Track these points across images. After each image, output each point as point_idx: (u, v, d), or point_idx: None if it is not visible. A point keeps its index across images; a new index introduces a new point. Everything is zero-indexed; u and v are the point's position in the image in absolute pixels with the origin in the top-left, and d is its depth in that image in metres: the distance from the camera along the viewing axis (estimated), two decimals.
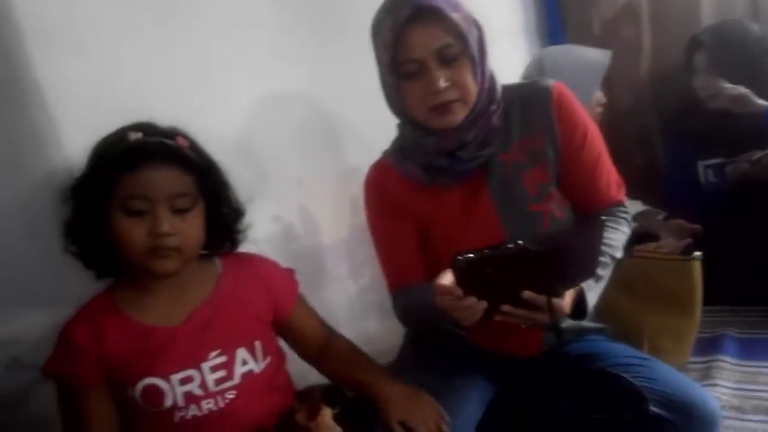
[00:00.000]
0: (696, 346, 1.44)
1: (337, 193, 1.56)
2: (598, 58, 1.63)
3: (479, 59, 1.03)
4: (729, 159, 1.72)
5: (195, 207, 0.94)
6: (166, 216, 0.89)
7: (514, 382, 1.15)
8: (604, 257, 1.03)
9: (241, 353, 0.99)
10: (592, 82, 1.61)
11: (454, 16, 0.99)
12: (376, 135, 1.23)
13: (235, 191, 1.03)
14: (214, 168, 0.98)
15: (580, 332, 1.14)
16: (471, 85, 1.02)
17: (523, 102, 1.10)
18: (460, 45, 0.99)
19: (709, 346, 1.58)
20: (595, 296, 1.01)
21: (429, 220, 1.13)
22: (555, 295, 0.90)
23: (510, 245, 0.82)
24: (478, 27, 1.04)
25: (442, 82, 0.99)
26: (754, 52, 1.75)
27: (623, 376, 1.00)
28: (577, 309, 0.99)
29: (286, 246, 1.44)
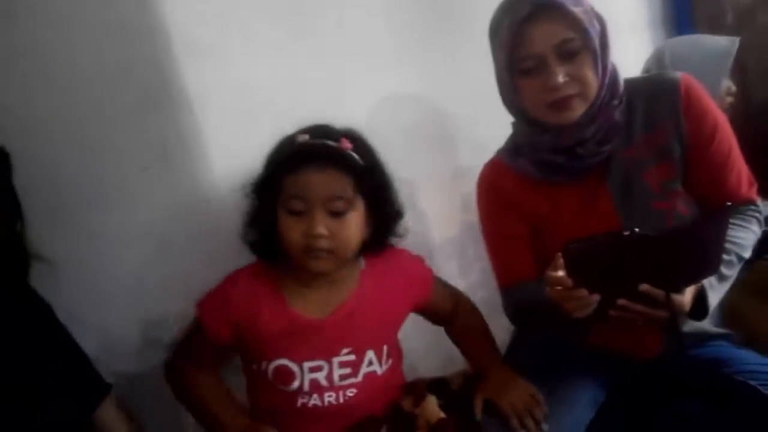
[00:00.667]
0: None
1: (448, 192, 1.57)
2: (724, 44, 1.53)
3: (601, 53, 1.00)
4: None
5: (352, 210, 0.95)
6: (322, 218, 0.92)
7: (628, 385, 1.11)
8: (729, 255, 0.98)
9: (369, 355, 1.03)
10: (718, 71, 1.51)
11: (575, 10, 0.97)
12: (488, 134, 1.24)
13: (397, 192, 1.04)
14: (377, 170, 1.00)
15: (704, 336, 1.08)
16: (591, 79, 0.99)
17: (647, 96, 1.06)
18: (580, 39, 0.97)
19: None
20: (717, 296, 0.96)
21: (543, 219, 1.11)
22: (674, 290, 0.86)
23: (626, 232, 0.79)
24: (600, 20, 1.01)
25: (561, 77, 0.97)
26: None
27: (752, 384, 0.95)
28: (697, 308, 0.94)
29: (396, 244, 1.47)
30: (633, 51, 1.88)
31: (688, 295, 0.90)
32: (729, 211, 0.95)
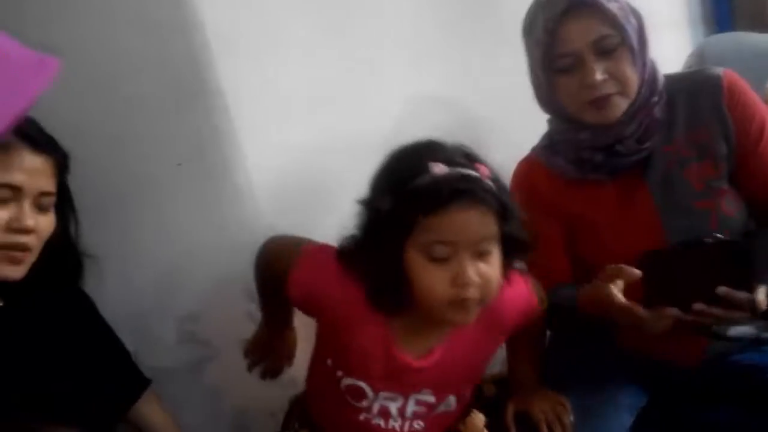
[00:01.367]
0: None
1: None
2: (767, 43, 1.49)
3: (639, 49, 0.98)
4: None
5: (495, 248, 0.81)
6: (471, 263, 0.78)
7: (668, 390, 1.09)
8: None
9: (450, 399, 0.95)
10: (761, 71, 1.47)
11: (612, 6, 0.95)
12: (521, 136, 1.22)
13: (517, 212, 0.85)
14: (505, 191, 0.83)
15: (752, 341, 1.05)
16: (631, 76, 0.97)
17: (689, 92, 1.03)
18: (618, 36, 0.95)
19: None
20: None
21: (580, 219, 1.09)
22: (749, 291, 0.84)
23: (707, 239, 0.78)
24: (637, 16, 0.99)
25: (599, 75, 0.95)
26: None
27: None
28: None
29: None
30: (673, 49, 1.85)
31: (761, 294, 0.87)
32: None
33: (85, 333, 0.96)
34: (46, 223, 0.83)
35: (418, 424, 0.95)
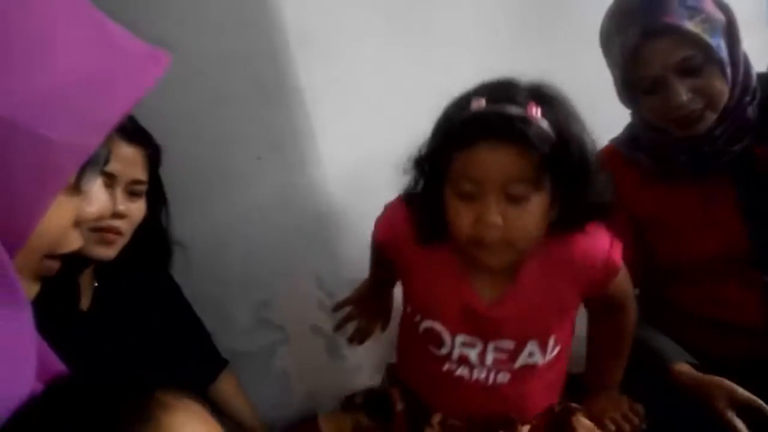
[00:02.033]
0: None
1: None
2: None
3: (729, 53, 0.91)
4: None
5: (535, 194, 0.75)
6: (496, 205, 0.74)
7: None
8: None
9: (531, 346, 0.89)
10: None
11: (691, 25, 0.88)
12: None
13: (597, 167, 0.79)
14: (572, 139, 0.75)
15: None
16: (720, 89, 0.91)
17: None
18: (701, 54, 0.89)
19: None
20: None
21: (655, 217, 1.05)
22: None
23: None
24: (725, 10, 0.93)
25: (685, 95, 0.90)
26: None
27: None
28: None
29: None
30: (755, 50, 1.75)
31: None
32: None
33: (170, 314, 1.02)
34: (137, 209, 0.89)
35: (503, 376, 0.90)
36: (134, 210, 0.88)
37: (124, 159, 0.85)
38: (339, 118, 1.21)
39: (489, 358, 0.89)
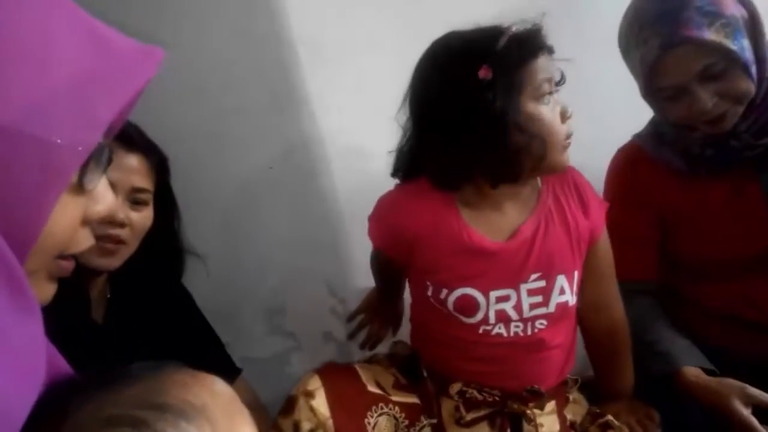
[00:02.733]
0: None
1: None
2: None
3: (753, 50, 0.90)
4: None
5: None
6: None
7: None
8: None
9: (560, 281, 0.90)
10: None
11: (710, 34, 0.86)
12: (595, 133, 1.18)
13: None
14: None
15: None
16: (745, 89, 0.90)
17: None
18: (723, 60, 0.87)
19: None
20: None
21: (681, 214, 1.03)
22: None
23: None
24: (746, 5, 0.91)
25: (710, 101, 0.89)
26: None
27: None
28: None
29: None
30: None
31: None
32: None
33: (183, 324, 1.01)
34: (140, 217, 0.87)
35: (540, 323, 0.90)
36: (137, 219, 0.87)
37: (124, 167, 0.85)
38: (347, 128, 1.22)
39: (525, 305, 0.89)
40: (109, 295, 0.94)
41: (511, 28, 0.82)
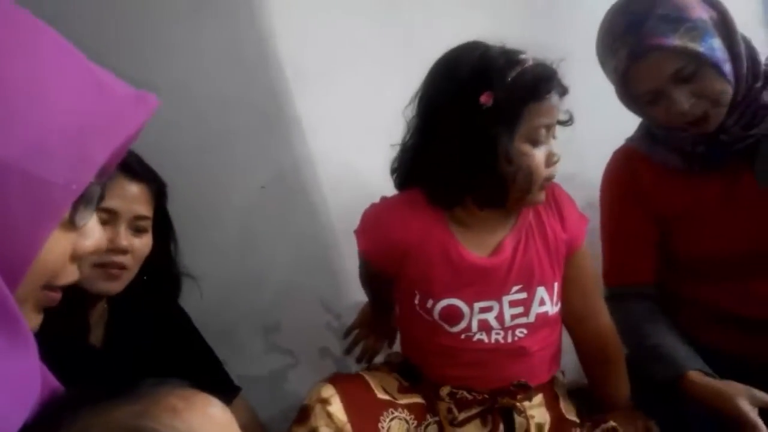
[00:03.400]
0: None
1: None
2: None
3: (727, 48, 0.92)
4: None
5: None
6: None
7: None
8: None
9: (540, 292, 0.94)
10: None
11: (676, 40, 0.89)
12: (586, 138, 1.20)
13: None
14: None
15: None
16: (721, 88, 0.92)
17: None
18: (693, 62, 0.90)
19: None
20: None
21: (679, 213, 1.04)
22: None
23: None
24: (714, 6, 0.93)
25: (686, 102, 0.91)
26: None
27: None
28: None
29: None
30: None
31: None
32: None
33: (181, 345, 1.03)
34: (141, 244, 0.90)
35: (521, 332, 0.93)
36: (138, 245, 0.89)
37: (127, 196, 0.87)
38: (338, 147, 1.24)
39: (507, 315, 0.92)
40: (107, 318, 0.95)
41: (528, 61, 0.84)
